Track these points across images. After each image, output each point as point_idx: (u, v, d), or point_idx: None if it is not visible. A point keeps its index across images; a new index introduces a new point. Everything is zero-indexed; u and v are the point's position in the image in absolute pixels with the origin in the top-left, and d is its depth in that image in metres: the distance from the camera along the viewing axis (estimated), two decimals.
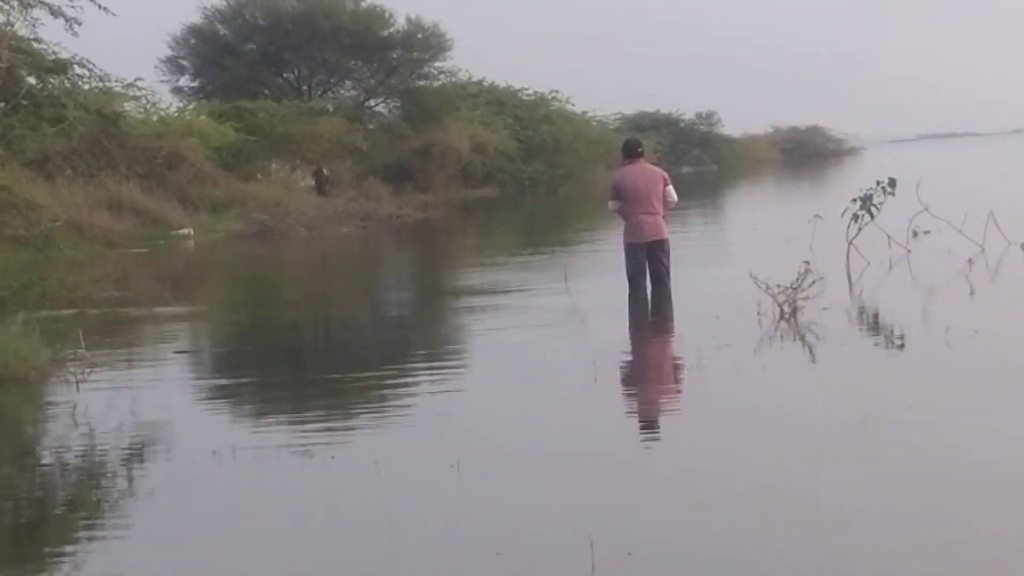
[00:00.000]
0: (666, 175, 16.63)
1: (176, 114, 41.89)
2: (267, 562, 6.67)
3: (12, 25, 23.74)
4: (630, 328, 14.84)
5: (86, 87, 32.13)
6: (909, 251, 19.70)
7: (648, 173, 16.47)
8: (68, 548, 7.12)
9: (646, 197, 16.23)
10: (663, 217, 16.38)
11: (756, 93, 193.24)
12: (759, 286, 13.73)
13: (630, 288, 16.19)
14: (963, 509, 6.89)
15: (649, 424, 9.69)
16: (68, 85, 31.31)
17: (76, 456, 9.17)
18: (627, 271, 16.34)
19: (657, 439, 9.13)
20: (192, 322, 16.98)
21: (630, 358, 12.92)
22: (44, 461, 9.32)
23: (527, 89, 65.59)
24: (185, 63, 52.98)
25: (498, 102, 62.80)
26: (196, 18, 53.17)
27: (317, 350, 15.08)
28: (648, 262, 16.25)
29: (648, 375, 12.00)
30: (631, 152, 16.72)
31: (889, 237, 19.83)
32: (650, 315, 15.49)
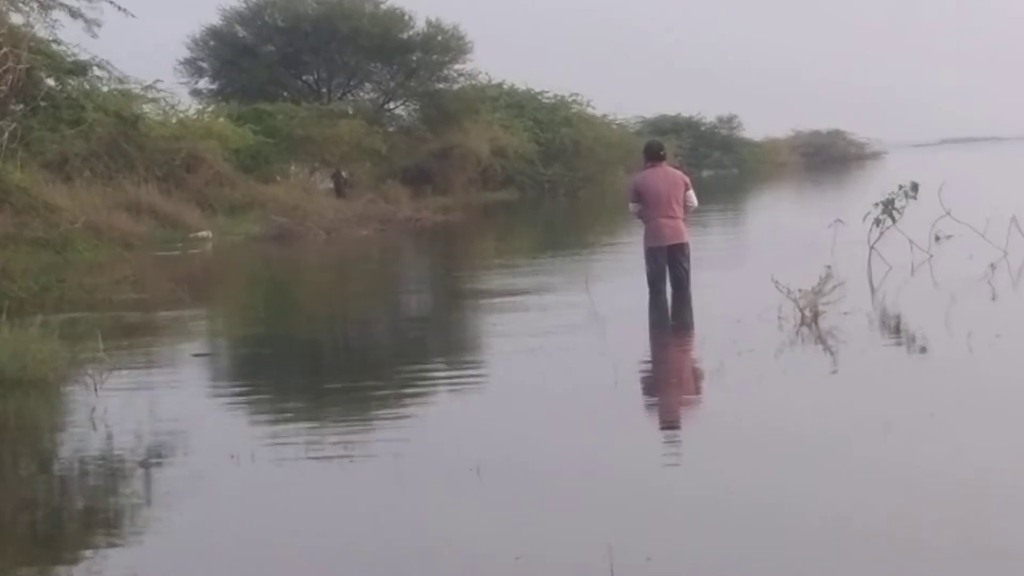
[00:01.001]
0: (687, 179, 16.59)
1: (195, 116, 41.86)
2: (285, 566, 6.64)
3: (32, 27, 23.74)
4: (650, 332, 14.79)
5: (105, 89, 32.12)
6: (931, 256, 19.61)
7: (669, 176, 16.42)
8: (86, 551, 7.11)
9: (667, 201, 16.18)
10: (683, 220, 16.34)
11: (778, 97, 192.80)
12: (780, 290, 13.66)
13: (650, 292, 16.14)
14: (982, 518, 6.82)
15: (669, 430, 9.65)
16: (87, 87, 31.30)
17: (94, 459, 9.15)
18: (647, 275, 16.30)
19: (677, 444, 9.08)
20: (210, 325, 16.97)
21: (650, 363, 12.88)
22: (62, 463, 9.30)
23: (547, 92, 65.54)
24: (204, 65, 52.97)
25: (518, 105, 62.71)
26: (215, 20, 53.20)
27: (336, 354, 15.06)
28: (668, 266, 16.21)
29: (669, 380, 11.95)
30: (653, 155, 16.67)
31: (911, 242, 19.74)
32: (670, 319, 15.44)
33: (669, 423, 9.90)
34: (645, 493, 7.57)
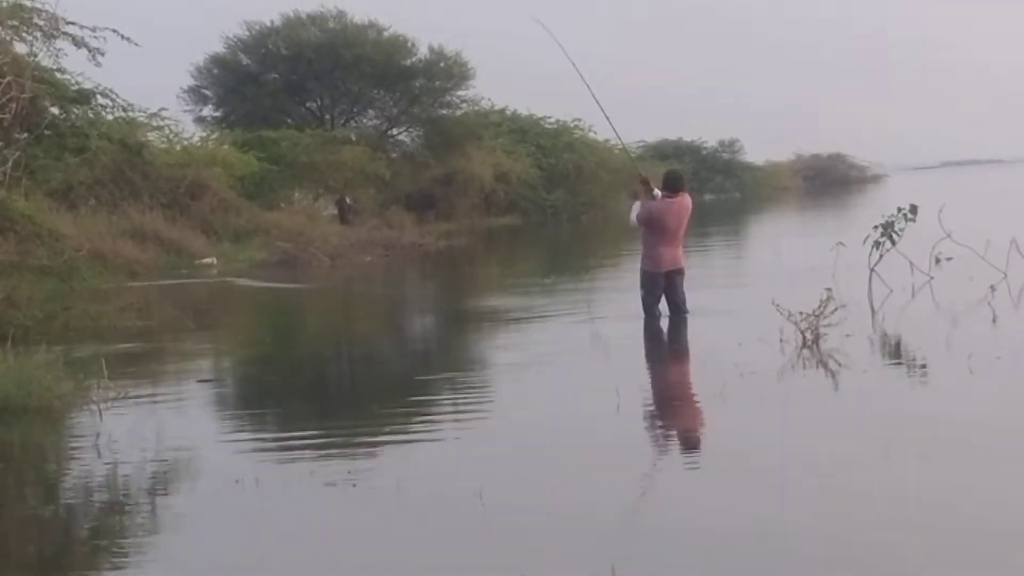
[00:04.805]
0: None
1: (199, 144, 42.02)
2: None
3: (35, 55, 23.78)
4: (652, 355, 14.84)
5: (109, 117, 32.18)
6: (931, 278, 19.66)
7: (683, 211, 16.46)
8: None
9: (674, 233, 16.41)
10: (682, 248, 16.62)
11: (779, 120, 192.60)
12: (781, 313, 13.72)
13: (645, 316, 16.25)
14: (982, 538, 6.86)
15: (673, 454, 9.68)
16: (91, 115, 31.35)
17: (99, 485, 9.19)
18: (643, 300, 16.41)
19: (681, 468, 9.10)
20: (215, 351, 17.01)
21: (652, 387, 12.91)
22: (67, 490, 9.34)
23: (549, 117, 65.74)
24: (208, 93, 53.12)
25: (520, 130, 62.89)
26: (219, 48, 53.40)
27: (340, 377, 15.10)
28: (665, 290, 16.37)
29: (671, 402, 11.97)
30: (676, 186, 16.62)
31: (911, 264, 19.80)
32: (668, 343, 15.49)
33: (672, 447, 9.93)
34: (649, 517, 7.61)
